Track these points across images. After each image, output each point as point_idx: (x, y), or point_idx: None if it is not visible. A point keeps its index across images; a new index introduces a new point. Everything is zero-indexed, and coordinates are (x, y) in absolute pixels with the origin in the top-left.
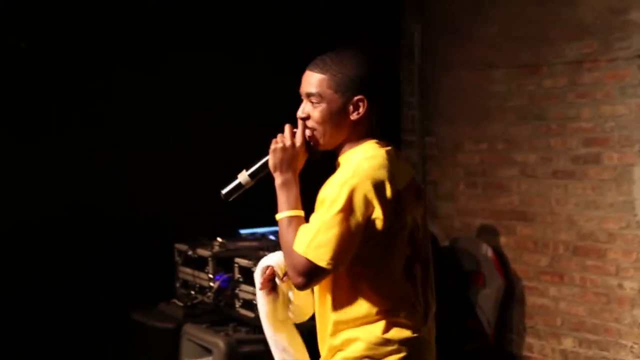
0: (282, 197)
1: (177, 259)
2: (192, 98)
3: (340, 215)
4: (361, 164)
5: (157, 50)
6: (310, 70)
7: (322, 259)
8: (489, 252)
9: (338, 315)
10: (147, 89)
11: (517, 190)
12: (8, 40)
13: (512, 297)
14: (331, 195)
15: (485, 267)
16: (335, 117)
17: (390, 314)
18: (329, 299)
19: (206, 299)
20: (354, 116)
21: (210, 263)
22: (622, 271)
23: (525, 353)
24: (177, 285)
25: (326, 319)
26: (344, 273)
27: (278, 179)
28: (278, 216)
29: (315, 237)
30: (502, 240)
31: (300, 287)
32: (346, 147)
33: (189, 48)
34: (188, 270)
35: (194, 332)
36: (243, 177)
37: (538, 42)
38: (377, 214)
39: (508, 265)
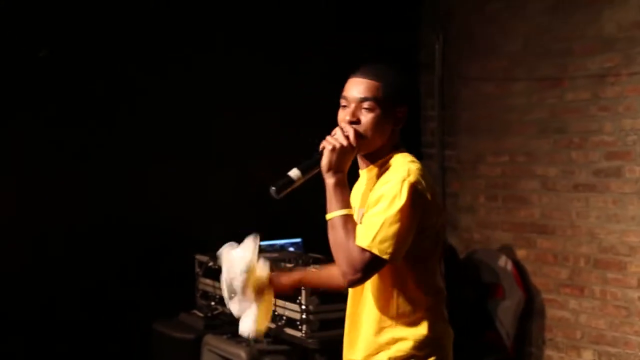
0: (336, 196)
1: (198, 270)
2: (212, 111)
3: (403, 212)
4: (411, 165)
5: (183, 68)
6: (362, 77)
7: (386, 252)
8: (509, 265)
9: (384, 313)
10: (167, 100)
11: (538, 203)
12: (38, 52)
13: (531, 309)
14: (392, 192)
15: (504, 279)
16: (384, 124)
17: (433, 311)
18: (372, 297)
19: (227, 310)
20: (397, 125)
21: None
22: None
23: None
24: (198, 296)
25: (370, 318)
26: (389, 270)
27: (332, 178)
28: (332, 214)
29: (380, 232)
30: (522, 253)
31: (354, 284)
32: (384, 152)
33: (213, 64)
34: (209, 281)
35: (215, 343)
36: (294, 173)
37: (560, 55)
38: (429, 209)
39: (528, 278)
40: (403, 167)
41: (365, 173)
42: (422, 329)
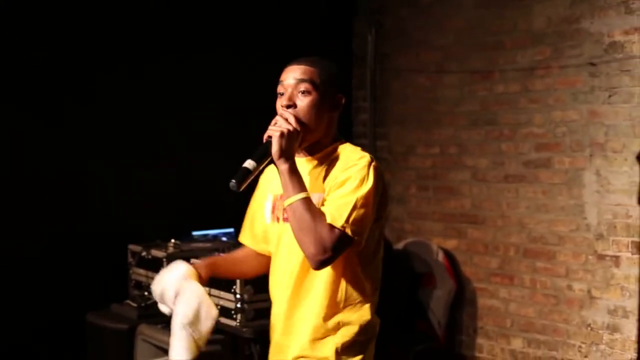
0: (292, 181)
1: (131, 260)
2: (149, 105)
3: (371, 195)
4: (366, 154)
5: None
6: (298, 64)
7: (358, 233)
8: (440, 255)
9: (332, 298)
10: (106, 92)
11: (469, 194)
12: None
13: (462, 299)
14: (359, 174)
15: (436, 269)
16: (321, 108)
17: (373, 297)
18: (321, 283)
19: None
20: (334, 111)
21: (165, 264)
22: (572, 273)
23: (475, 354)
24: (131, 286)
25: (316, 304)
26: (342, 256)
27: (285, 164)
28: (292, 199)
29: (352, 213)
30: (453, 242)
31: (323, 264)
32: (325, 143)
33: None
34: (142, 271)
35: (149, 333)
36: (249, 164)
37: (491, 49)
38: (384, 197)
39: (459, 268)
40: (360, 153)
41: (305, 162)
42: (365, 315)
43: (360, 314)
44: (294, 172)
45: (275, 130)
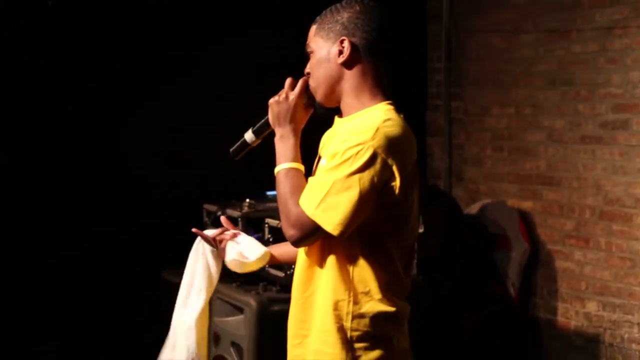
0: (279, 150)
1: (206, 219)
2: (225, 74)
3: (356, 177)
4: (383, 127)
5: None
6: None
7: (330, 222)
8: (515, 216)
9: (340, 287)
10: (191, 67)
11: (544, 155)
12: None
13: (537, 261)
14: (348, 152)
15: (510, 230)
16: (324, 63)
17: (392, 286)
18: (330, 270)
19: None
20: (340, 59)
21: (240, 223)
22: None
23: (549, 316)
24: None
25: (326, 292)
26: (340, 245)
27: (278, 132)
28: (276, 169)
29: (325, 198)
30: (528, 204)
31: (294, 243)
32: (355, 103)
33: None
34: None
35: (224, 291)
36: (249, 135)
37: (568, 8)
38: (396, 182)
39: (534, 229)
40: (369, 127)
41: (336, 124)
42: (379, 306)
43: (372, 305)
44: (284, 140)
45: (272, 98)
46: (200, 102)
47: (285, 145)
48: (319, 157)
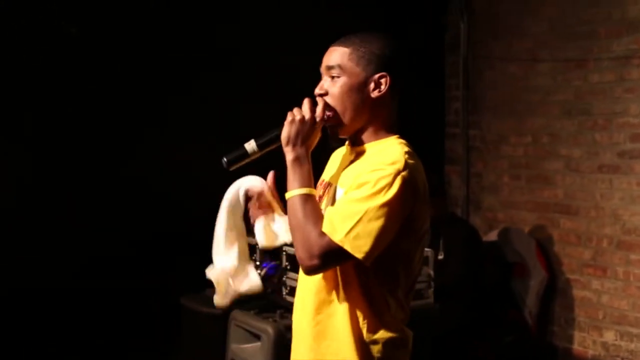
0: (295, 173)
1: None
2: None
3: (388, 207)
4: (407, 158)
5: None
6: (333, 45)
7: (361, 250)
8: (532, 244)
9: (353, 312)
10: (213, 77)
11: (562, 184)
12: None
13: (554, 289)
14: (382, 182)
15: (528, 259)
16: (355, 92)
17: (399, 313)
18: (341, 294)
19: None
20: (374, 94)
21: (258, 251)
22: None
23: (566, 345)
24: None
25: (339, 317)
26: (352, 271)
27: (291, 154)
28: (290, 194)
29: (356, 226)
30: (546, 232)
31: (311, 271)
32: (371, 134)
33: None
34: None
35: (242, 318)
36: (250, 146)
37: (585, 38)
38: (419, 211)
39: (551, 258)
40: (398, 156)
41: (348, 153)
42: (389, 332)
43: (384, 332)
44: (299, 163)
45: (292, 114)
46: (220, 123)
47: (301, 169)
48: (328, 183)
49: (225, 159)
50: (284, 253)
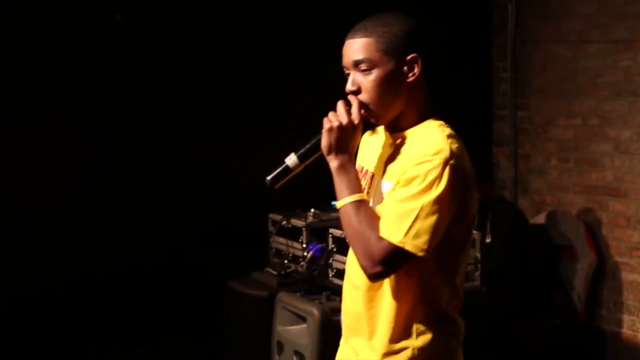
0: (342, 181)
1: (271, 228)
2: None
3: (442, 200)
4: (451, 144)
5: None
6: (352, 38)
7: (422, 248)
8: (581, 227)
9: (404, 302)
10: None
11: (610, 166)
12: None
13: (603, 272)
14: (431, 174)
15: (576, 242)
16: (390, 82)
17: (452, 300)
18: (393, 284)
19: (299, 268)
20: (410, 78)
21: (304, 233)
22: None
23: (615, 328)
24: (271, 254)
25: (389, 306)
26: (412, 264)
27: (334, 162)
28: (342, 202)
29: (414, 224)
30: (594, 215)
31: (376, 278)
32: (410, 118)
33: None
34: (282, 240)
35: (288, 301)
36: (291, 160)
37: (635, 18)
38: (469, 198)
39: (599, 241)
40: (442, 144)
41: (386, 141)
42: (442, 321)
43: (438, 321)
44: (345, 170)
45: (329, 121)
46: (266, 111)
47: (348, 176)
48: (372, 175)
49: (268, 179)
50: (330, 235)
